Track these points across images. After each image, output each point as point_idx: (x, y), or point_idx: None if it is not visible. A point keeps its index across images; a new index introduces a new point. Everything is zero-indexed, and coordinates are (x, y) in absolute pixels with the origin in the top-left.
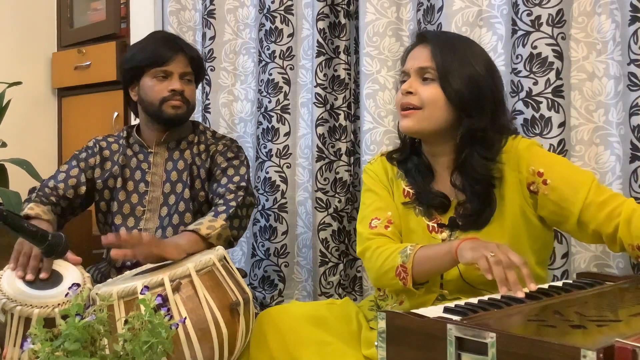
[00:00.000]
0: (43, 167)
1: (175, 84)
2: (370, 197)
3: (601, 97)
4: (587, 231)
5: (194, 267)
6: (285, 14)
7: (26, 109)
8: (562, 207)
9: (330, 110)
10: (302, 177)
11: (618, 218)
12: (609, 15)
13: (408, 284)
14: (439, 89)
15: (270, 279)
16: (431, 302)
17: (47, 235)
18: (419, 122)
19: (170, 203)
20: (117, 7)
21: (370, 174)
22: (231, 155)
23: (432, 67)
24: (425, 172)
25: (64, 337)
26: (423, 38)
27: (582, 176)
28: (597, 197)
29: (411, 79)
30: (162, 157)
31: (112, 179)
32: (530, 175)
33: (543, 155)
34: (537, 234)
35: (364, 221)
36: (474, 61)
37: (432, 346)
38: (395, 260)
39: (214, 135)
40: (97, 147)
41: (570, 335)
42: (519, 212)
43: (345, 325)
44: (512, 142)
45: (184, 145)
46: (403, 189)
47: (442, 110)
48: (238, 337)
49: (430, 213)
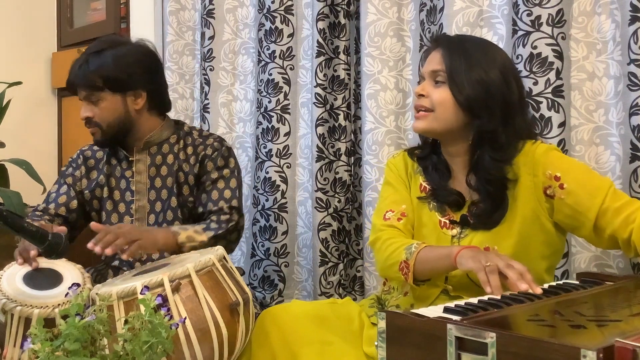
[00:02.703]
0: (43, 167)
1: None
2: (387, 190)
3: (601, 97)
4: (604, 236)
5: (193, 267)
6: (286, 14)
7: (26, 109)
8: (579, 212)
9: (330, 110)
10: (302, 177)
11: (632, 224)
12: (609, 15)
13: (409, 280)
14: (448, 91)
15: (270, 279)
16: (435, 296)
17: (47, 235)
18: (429, 124)
19: (157, 210)
20: (117, 7)
21: (391, 168)
22: (221, 163)
23: (442, 70)
24: (443, 171)
25: (64, 337)
26: (437, 42)
27: (600, 182)
28: (614, 202)
29: (425, 82)
30: (144, 163)
31: (99, 189)
32: (547, 179)
33: (561, 160)
34: (551, 240)
35: (379, 213)
36: (485, 65)
37: (432, 346)
38: (400, 255)
39: (200, 134)
40: (81, 158)
41: (570, 335)
42: (531, 216)
43: (346, 325)
44: (530, 147)
45: (166, 148)
46: (420, 183)
47: (451, 112)
48: (238, 337)
49: (444, 209)
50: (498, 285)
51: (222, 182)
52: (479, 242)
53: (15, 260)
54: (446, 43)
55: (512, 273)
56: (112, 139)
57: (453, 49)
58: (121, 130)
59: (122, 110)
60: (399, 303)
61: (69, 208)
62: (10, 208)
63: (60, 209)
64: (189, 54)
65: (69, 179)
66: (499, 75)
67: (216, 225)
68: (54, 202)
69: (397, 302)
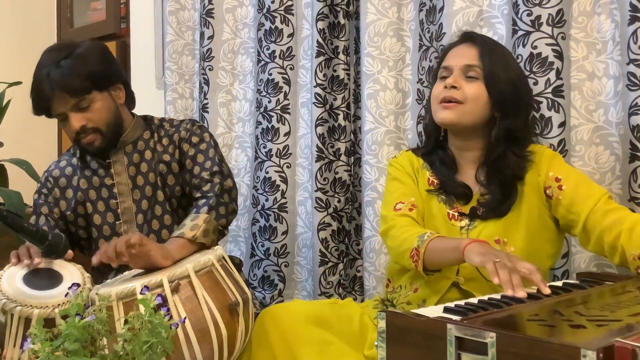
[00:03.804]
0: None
1: (71, 125)
2: (394, 184)
3: (601, 97)
4: (592, 238)
5: (192, 267)
6: (285, 14)
7: (26, 109)
8: (572, 212)
9: (330, 110)
10: (302, 177)
11: (621, 226)
12: (609, 15)
13: (419, 267)
14: (483, 87)
15: (270, 279)
16: (445, 289)
17: (47, 235)
18: (460, 116)
19: (144, 209)
20: (117, 7)
21: (395, 166)
22: (196, 140)
23: (478, 66)
24: (450, 164)
25: (64, 337)
26: (470, 38)
27: (596, 189)
28: (605, 206)
29: (455, 75)
30: (122, 164)
31: (80, 206)
32: (548, 179)
33: (564, 166)
34: (553, 237)
35: (388, 205)
36: (515, 67)
37: (432, 346)
38: (413, 242)
39: (172, 124)
40: (51, 180)
41: (570, 335)
42: (536, 213)
43: (347, 325)
44: (538, 149)
45: (142, 145)
46: (428, 177)
47: (482, 107)
48: (237, 338)
49: (452, 202)
50: (508, 280)
51: (202, 156)
52: (489, 233)
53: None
54: (481, 41)
55: (515, 278)
56: (112, 141)
57: (490, 48)
58: (117, 128)
59: (114, 106)
60: (409, 300)
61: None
62: (10, 208)
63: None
64: (189, 53)
65: (44, 209)
66: (524, 78)
67: (203, 199)
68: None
69: (407, 300)
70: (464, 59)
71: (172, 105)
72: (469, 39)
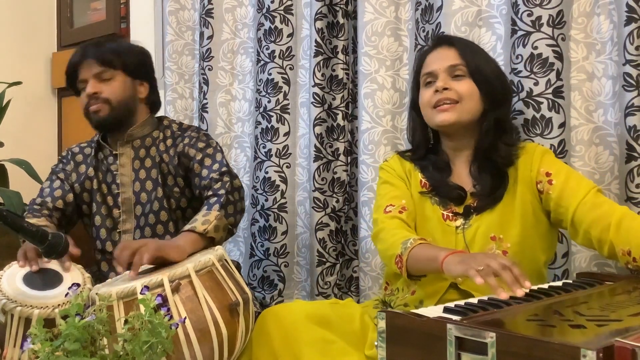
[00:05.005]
0: (43, 167)
1: (88, 88)
2: (385, 188)
3: (600, 98)
4: (579, 231)
5: (193, 267)
6: (285, 13)
7: (26, 109)
8: (561, 206)
9: (328, 110)
10: (301, 177)
11: (608, 219)
12: (608, 15)
13: (403, 274)
14: (472, 83)
15: (269, 279)
16: (444, 290)
17: (47, 235)
18: (459, 114)
19: (143, 202)
20: (117, 7)
21: (386, 169)
22: (202, 145)
23: (462, 64)
24: (444, 168)
25: (64, 337)
26: (445, 40)
27: (585, 182)
28: (593, 199)
29: (442, 77)
30: (128, 156)
31: (88, 181)
32: (539, 175)
33: (554, 161)
34: (545, 231)
35: (379, 209)
36: (490, 59)
37: (432, 346)
38: (397, 249)
39: (180, 127)
40: (70, 154)
41: (570, 335)
42: (530, 208)
43: (348, 325)
44: (530, 146)
45: (149, 142)
46: (420, 179)
47: (476, 102)
48: (238, 337)
49: (446, 203)
50: (497, 286)
51: (209, 159)
52: (484, 230)
53: (17, 262)
54: (457, 41)
55: (507, 275)
56: (115, 119)
57: (467, 45)
58: (126, 112)
59: (131, 92)
60: (407, 302)
61: (65, 201)
62: (10, 208)
63: (58, 202)
64: (189, 53)
65: (61, 174)
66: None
67: (215, 197)
68: (50, 196)
69: (404, 301)
70: (446, 60)
71: (171, 105)
72: (444, 41)
